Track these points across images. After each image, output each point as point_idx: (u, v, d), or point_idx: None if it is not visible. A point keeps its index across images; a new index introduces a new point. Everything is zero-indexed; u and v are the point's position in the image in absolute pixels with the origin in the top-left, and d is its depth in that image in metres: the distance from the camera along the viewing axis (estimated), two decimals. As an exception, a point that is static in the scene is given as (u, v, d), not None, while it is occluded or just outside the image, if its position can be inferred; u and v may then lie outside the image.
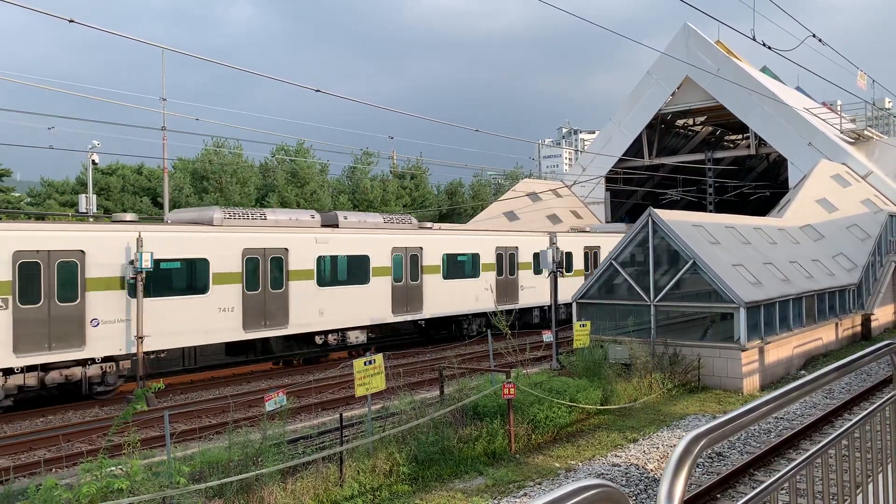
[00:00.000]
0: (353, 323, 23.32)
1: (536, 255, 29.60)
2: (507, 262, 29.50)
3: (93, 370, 17.47)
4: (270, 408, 10.89)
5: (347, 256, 23.30)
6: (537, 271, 29.82)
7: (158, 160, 36.13)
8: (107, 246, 17.73)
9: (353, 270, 23.47)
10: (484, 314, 26.98)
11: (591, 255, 33.77)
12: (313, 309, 22.07)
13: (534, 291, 30.23)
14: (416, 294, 25.58)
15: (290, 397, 11.75)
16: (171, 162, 42.48)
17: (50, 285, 16.68)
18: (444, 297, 26.43)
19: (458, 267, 27.42)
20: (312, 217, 23.03)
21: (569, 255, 32.09)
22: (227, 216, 20.80)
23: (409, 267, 25.39)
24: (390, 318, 24.79)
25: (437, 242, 26.51)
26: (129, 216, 19.95)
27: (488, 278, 28.35)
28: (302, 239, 21.97)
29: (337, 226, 23.51)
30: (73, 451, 13.25)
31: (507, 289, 29.22)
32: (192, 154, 49.29)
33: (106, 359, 17.64)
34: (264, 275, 20.99)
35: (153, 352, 18.43)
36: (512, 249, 29.57)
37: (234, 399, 16.48)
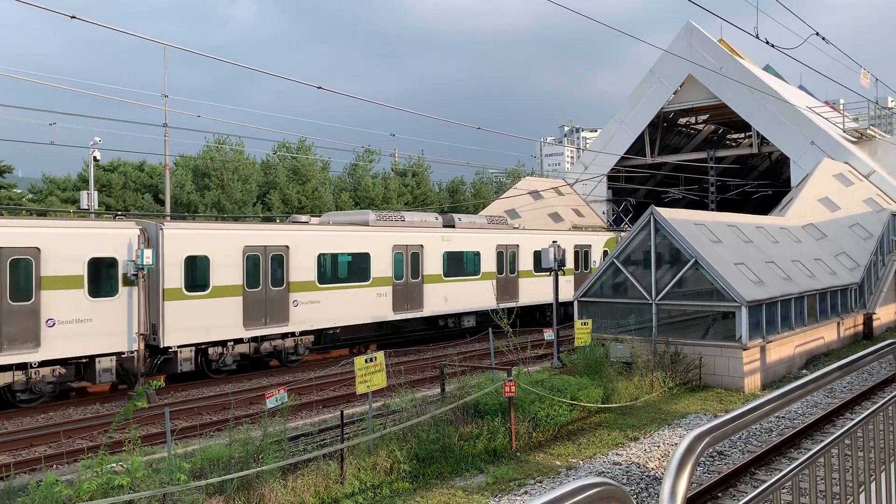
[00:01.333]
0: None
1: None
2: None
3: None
4: (271, 405, 10.89)
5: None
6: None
7: (160, 157, 36.18)
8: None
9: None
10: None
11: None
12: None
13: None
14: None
15: (291, 394, 11.75)
16: (172, 159, 42.55)
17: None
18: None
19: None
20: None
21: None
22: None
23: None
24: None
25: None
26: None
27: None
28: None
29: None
30: (74, 448, 13.27)
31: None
32: (194, 151, 49.37)
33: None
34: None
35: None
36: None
37: (234, 396, 16.48)
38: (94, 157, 33.80)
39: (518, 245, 29.69)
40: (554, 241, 21.85)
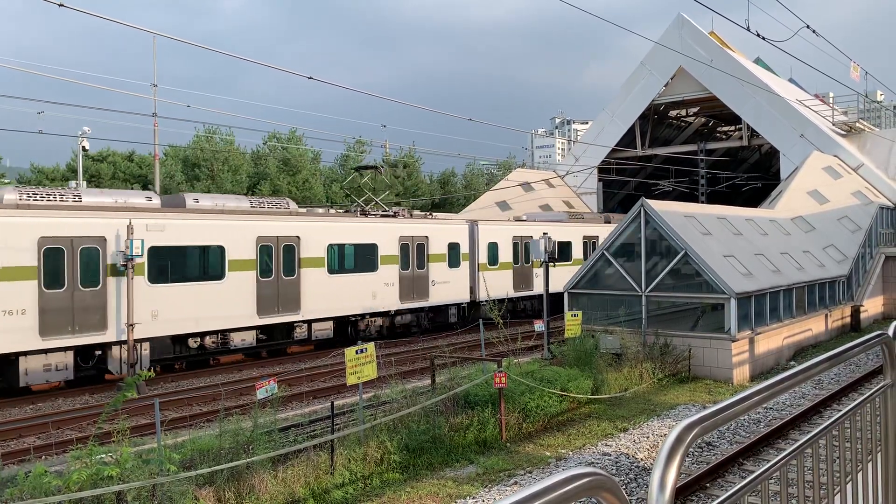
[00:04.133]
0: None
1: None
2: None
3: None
4: (261, 396, 10.88)
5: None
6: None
7: (149, 147, 35.98)
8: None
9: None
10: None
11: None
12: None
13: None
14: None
15: (281, 386, 11.74)
16: (162, 149, 42.29)
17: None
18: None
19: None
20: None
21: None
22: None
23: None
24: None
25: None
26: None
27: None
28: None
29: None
30: (63, 439, 13.21)
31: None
32: (184, 141, 49.08)
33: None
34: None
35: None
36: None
37: (224, 387, 16.45)
38: (83, 147, 33.58)
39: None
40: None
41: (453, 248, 28.11)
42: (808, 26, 19.10)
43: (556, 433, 13.27)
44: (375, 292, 24.61)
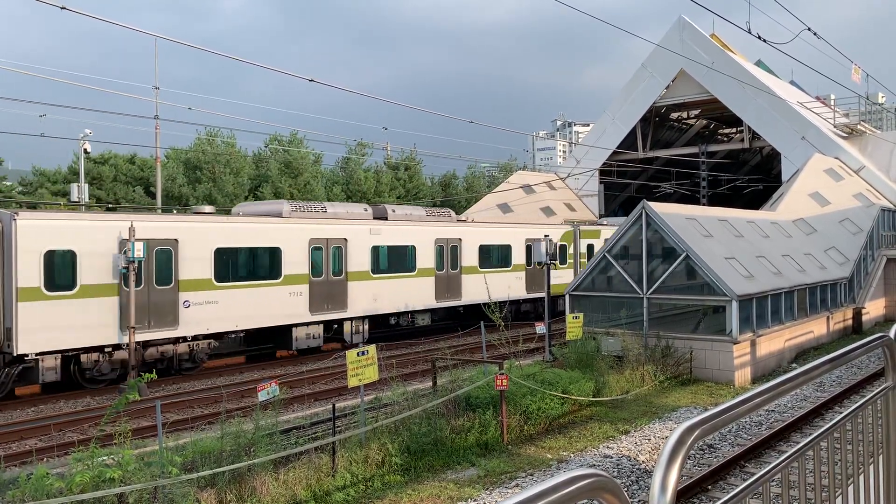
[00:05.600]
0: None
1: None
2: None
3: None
4: (263, 398, 10.89)
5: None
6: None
7: (151, 149, 36.00)
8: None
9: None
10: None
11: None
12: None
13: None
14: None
15: (282, 388, 11.75)
16: (163, 151, 42.33)
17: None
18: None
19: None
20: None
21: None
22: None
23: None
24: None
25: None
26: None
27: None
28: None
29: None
30: (65, 441, 13.22)
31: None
32: (186, 144, 49.14)
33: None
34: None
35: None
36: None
37: (226, 389, 16.48)
38: (85, 150, 33.60)
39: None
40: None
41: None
42: (809, 28, 19.10)
43: (557, 435, 13.27)
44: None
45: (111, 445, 9.97)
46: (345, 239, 23.45)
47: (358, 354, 11.76)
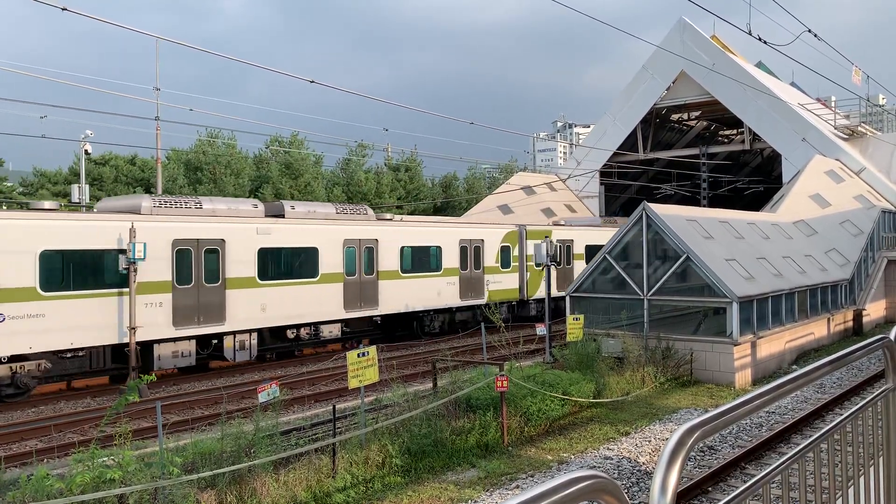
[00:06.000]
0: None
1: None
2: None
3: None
4: (263, 399, 10.89)
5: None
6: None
7: (152, 150, 36.01)
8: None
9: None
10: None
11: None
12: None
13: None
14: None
15: (282, 389, 11.75)
16: (164, 152, 42.36)
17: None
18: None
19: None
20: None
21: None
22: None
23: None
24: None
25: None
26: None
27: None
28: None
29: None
30: (65, 442, 13.22)
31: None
32: (186, 145, 49.19)
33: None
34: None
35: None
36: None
37: (226, 390, 16.47)
38: (86, 151, 33.63)
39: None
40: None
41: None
42: (809, 30, 19.10)
43: (557, 437, 13.26)
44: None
45: (111, 446, 9.96)
46: (222, 240, 20.07)
47: (358, 356, 11.76)
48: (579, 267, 31.29)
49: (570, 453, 12.31)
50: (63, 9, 11.82)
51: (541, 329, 19.83)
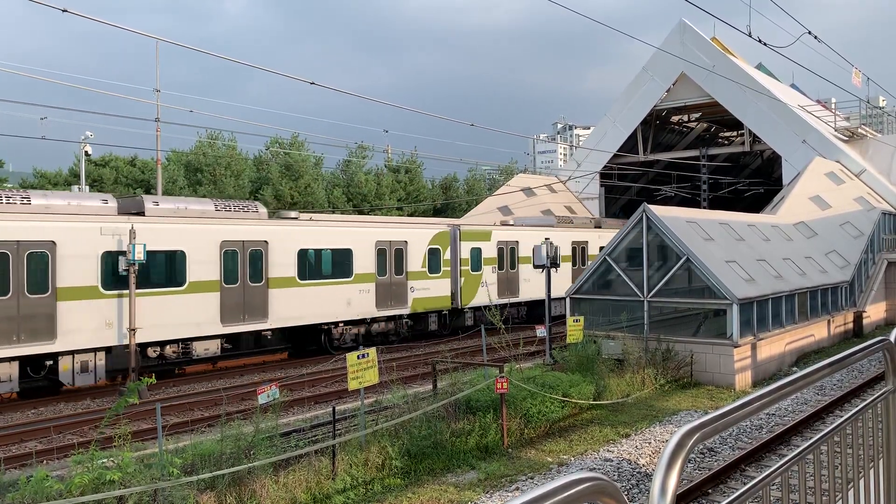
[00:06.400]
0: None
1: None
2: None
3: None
4: (263, 401, 10.88)
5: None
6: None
7: (152, 152, 36.04)
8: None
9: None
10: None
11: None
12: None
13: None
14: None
15: (282, 391, 11.74)
16: (164, 154, 42.37)
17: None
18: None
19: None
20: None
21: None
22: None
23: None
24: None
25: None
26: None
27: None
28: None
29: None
30: (65, 443, 13.22)
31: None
32: (186, 146, 49.25)
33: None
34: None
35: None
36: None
37: (226, 392, 16.46)
38: (86, 152, 33.61)
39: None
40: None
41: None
42: (809, 32, 19.11)
43: (557, 439, 13.25)
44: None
45: (111, 448, 9.96)
46: (52, 242, 16.99)
47: (358, 357, 11.76)
48: (526, 272, 29.56)
49: (570, 455, 12.31)
50: (63, 10, 11.82)
51: (541, 331, 19.83)
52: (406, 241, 25.57)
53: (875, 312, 28.72)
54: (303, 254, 22.20)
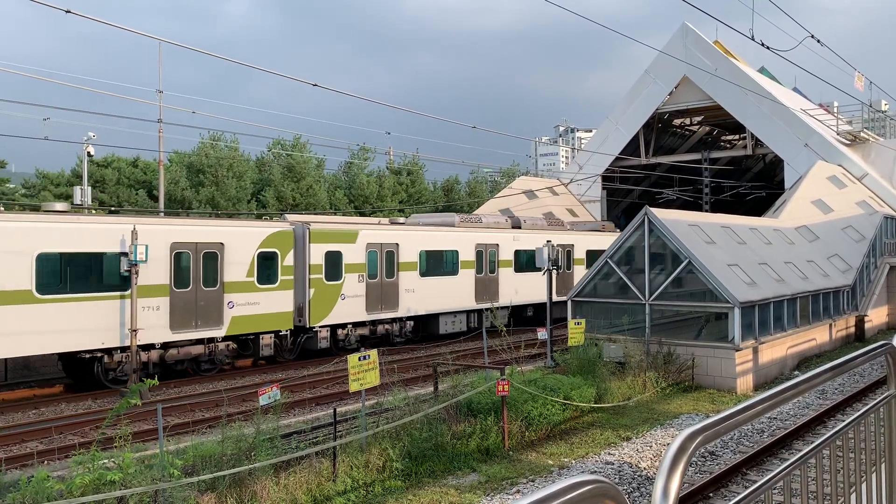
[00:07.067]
0: None
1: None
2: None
3: None
4: (264, 402, 10.88)
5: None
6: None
7: (154, 153, 36.06)
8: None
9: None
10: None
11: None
12: None
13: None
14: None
15: (283, 392, 11.74)
16: (167, 155, 42.39)
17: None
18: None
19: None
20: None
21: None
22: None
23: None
24: None
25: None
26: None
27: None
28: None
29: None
30: (66, 444, 13.22)
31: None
32: (189, 147, 49.26)
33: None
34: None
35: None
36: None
37: (227, 393, 16.46)
38: (88, 153, 33.66)
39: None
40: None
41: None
42: (812, 36, 19.11)
43: (558, 442, 13.24)
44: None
45: (112, 448, 9.96)
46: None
47: (360, 359, 11.76)
48: (409, 280, 24.91)
49: (571, 458, 12.29)
50: (66, 11, 11.84)
51: (542, 333, 19.82)
52: (223, 244, 20.01)
53: (877, 316, 28.68)
54: (43, 260, 16.80)
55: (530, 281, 29.47)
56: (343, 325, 23.19)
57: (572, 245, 32.54)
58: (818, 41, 19.58)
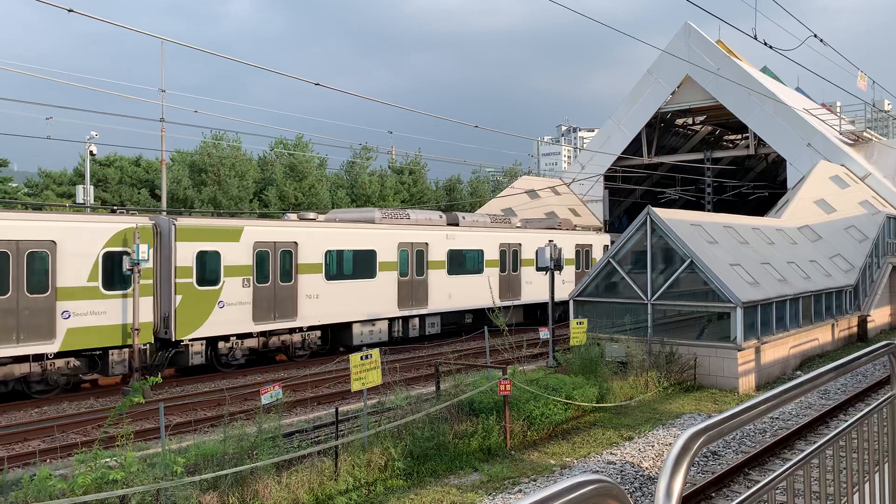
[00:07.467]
0: None
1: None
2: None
3: None
4: (266, 401, 10.89)
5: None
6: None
7: (157, 152, 36.14)
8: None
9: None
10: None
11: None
12: None
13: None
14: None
15: (285, 391, 11.74)
16: (169, 154, 42.44)
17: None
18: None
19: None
20: None
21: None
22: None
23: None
24: None
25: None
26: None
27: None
28: None
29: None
30: (68, 443, 13.24)
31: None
32: (191, 146, 49.31)
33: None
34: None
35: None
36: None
37: (229, 392, 16.48)
38: (91, 152, 33.72)
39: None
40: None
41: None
42: (815, 35, 19.09)
43: (560, 441, 13.23)
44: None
45: (114, 447, 9.97)
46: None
47: (361, 358, 11.76)
48: (312, 284, 22.00)
49: (574, 458, 12.28)
50: (69, 10, 11.85)
51: (544, 333, 19.81)
52: (54, 242, 16.98)
53: (879, 317, 28.64)
54: None
55: (468, 284, 27.22)
56: (225, 338, 20.10)
57: (520, 245, 30.11)
58: (821, 40, 19.56)
